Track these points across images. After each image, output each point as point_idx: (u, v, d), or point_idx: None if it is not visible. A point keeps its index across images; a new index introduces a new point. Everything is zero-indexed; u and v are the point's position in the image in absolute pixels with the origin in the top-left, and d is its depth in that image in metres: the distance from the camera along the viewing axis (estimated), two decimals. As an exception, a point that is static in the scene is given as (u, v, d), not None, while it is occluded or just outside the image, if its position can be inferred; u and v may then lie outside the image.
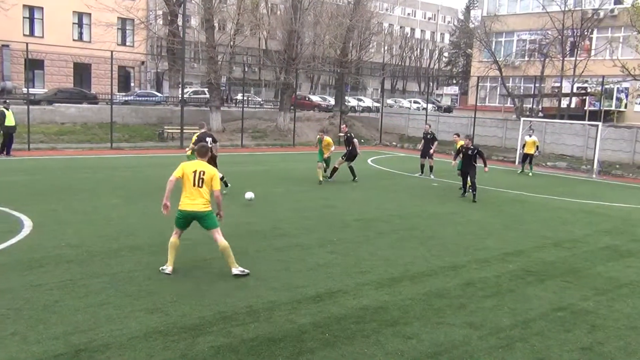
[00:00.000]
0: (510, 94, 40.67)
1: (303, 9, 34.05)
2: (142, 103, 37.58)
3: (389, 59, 75.86)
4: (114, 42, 41.29)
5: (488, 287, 8.20)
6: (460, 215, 13.66)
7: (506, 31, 44.44)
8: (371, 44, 54.95)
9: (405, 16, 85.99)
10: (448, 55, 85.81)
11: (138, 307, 6.75)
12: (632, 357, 6.10)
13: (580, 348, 6.25)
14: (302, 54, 35.79)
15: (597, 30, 40.13)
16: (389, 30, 77.87)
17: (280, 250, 9.62)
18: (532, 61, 39.82)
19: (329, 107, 46.94)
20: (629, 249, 11.03)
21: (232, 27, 35.98)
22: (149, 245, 9.45)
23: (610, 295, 8.13)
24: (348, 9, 40.91)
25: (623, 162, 28.32)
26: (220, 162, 15.44)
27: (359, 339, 6.19)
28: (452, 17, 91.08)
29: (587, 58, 36.07)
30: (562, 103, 37.29)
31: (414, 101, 59.05)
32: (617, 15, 37.53)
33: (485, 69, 39.83)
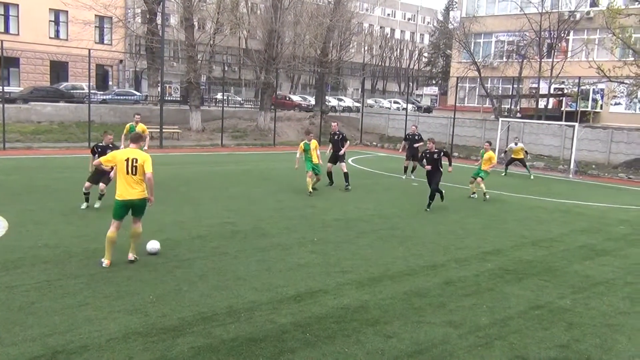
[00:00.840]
0: (488, 94, 41.14)
1: (283, 8, 34.01)
2: (121, 102, 37.14)
3: (369, 59, 76.11)
4: (92, 40, 40.83)
5: (467, 286, 8.28)
6: (440, 214, 13.77)
7: (485, 32, 44.90)
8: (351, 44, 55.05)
9: (385, 16, 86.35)
10: (428, 55, 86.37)
11: (117, 308, 6.68)
12: (608, 353, 6.21)
13: (557, 345, 6.34)
14: (283, 54, 35.75)
15: (574, 32, 40.77)
16: (369, 31, 78.09)
17: (261, 250, 9.60)
18: (510, 62, 40.31)
19: (309, 106, 46.93)
20: (604, 248, 11.22)
21: (211, 26, 35.76)
22: (128, 245, 9.33)
23: (586, 293, 8.27)
24: (328, 8, 40.97)
25: (599, 162, 28.80)
26: (200, 162, 15.36)
27: (339, 338, 6.20)
28: (432, 17, 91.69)
29: (563, 59, 36.64)
30: (539, 104, 37.82)
31: (394, 101, 59.32)
32: (593, 17, 38.17)
33: (464, 69, 40.22)
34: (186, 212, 12.44)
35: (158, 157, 23.35)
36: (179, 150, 27.22)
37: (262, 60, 35.57)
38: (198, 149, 28.05)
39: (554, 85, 38.26)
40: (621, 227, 13.53)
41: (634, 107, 36.97)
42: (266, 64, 34.76)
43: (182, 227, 10.93)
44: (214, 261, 8.76)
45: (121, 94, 40.31)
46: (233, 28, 38.67)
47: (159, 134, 28.41)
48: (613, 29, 26.52)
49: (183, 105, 37.90)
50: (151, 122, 31.47)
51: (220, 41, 39.22)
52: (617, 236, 12.42)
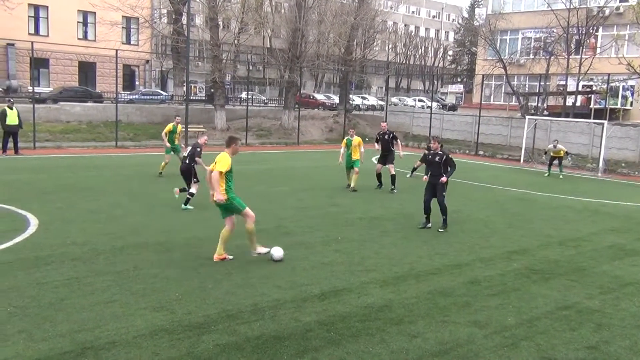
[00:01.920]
0: (515, 92, 40.55)
1: (307, 7, 34.05)
2: (147, 102, 37.65)
3: (393, 57, 75.72)
4: (119, 40, 41.44)
5: (493, 285, 8.19)
6: (464, 213, 13.64)
7: (511, 29, 44.31)
8: (375, 42, 54.79)
9: (409, 14, 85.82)
10: (452, 53, 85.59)
11: (143, 305, 6.77)
12: (638, 356, 6.08)
13: (585, 347, 6.24)
14: (307, 53, 35.78)
15: (603, 28, 39.97)
16: (394, 28, 77.70)
17: (284, 248, 9.60)
18: (537, 59, 39.75)
19: (333, 105, 46.90)
20: (634, 248, 10.98)
21: (236, 25, 35.93)
22: (154, 244, 9.48)
23: (615, 294, 8.11)
24: (352, 7, 40.86)
25: (628, 160, 28.20)
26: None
27: (363, 337, 6.19)
28: (457, 15, 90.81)
29: (592, 56, 35.93)
30: (567, 101, 37.16)
31: (418, 99, 58.96)
32: (623, 12, 37.38)
33: (490, 67, 39.73)
34: (210, 210, 12.50)
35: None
36: (204, 149, 27.40)
37: (286, 59, 35.65)
38: (222, 148, 28.17)
39: (582, 82, 37.57)
40: (652, 226, 13.23)
41: (665, 104, 36.12)
42: (290, 63, 34.83)
43: (206, 225, 11.02)
44: (238, 259, 8.82)
45: (147, 94, 40.86)
46: (257, 27, 38.83)
47: (185, 133, 28.66)
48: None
49: (208, 105, 38.20)
50: (177, 121, 31.86)
51: (245, 40, 39.43)
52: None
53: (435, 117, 36.76)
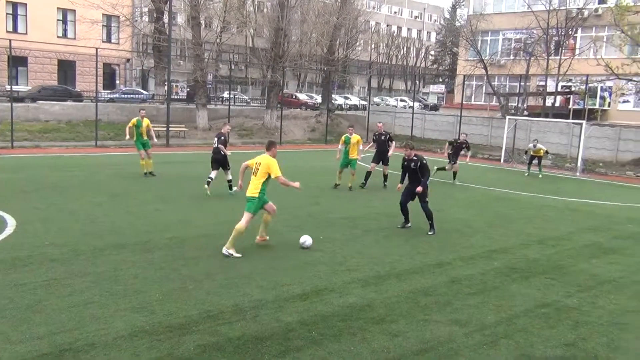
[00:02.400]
0: (495, 92, 40.95)
1: (290, 6, 34.01)
2: (128, 101, 37.29)
3: (375, 57, 75.99)
4: (99, 39, 40.96)
5: (473, 284, 8.26)
6: (446, 213, 13.73)
7: (492, 30, 44.71)
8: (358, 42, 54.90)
9: (391, 14, 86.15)
10: (434, 53, 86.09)
11: (123, 306, 6.71)
12: (615, 352, 6.18)
13: (564, 344, 6.32)
14: (289, 52, 35.74)
15: (582, 30, 40.52)
16: (376, 29, 77.95)
17: (266, 248, 9.62)
18: (517, 60, 40.15)
19: (316, 105, 46.90)
20: (611, 246, 11.16)
21: (218, 24, 35.77)
22: (135, 244, 9.40)
23: (593, 291, 8.23)
24: (335, 6, 40.89)
25: (606, 160, 28.64)
26: (206, 161, 15.41)
27: (345, 336, 6.21)
28: (439, 15, 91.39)
29: (571, 57, 36.42)
30: (546, 102, 37.62)
31: (400, 99, 59.23)
32: (601, 14, 37.92)
33: (471, 67, 40.08)
34: (192, 210, 12.48)
35: (164, 156, 23.42)
36: (186, 148, 27.29)
37: (269, 59, 35.58)
38: (204, 148, 28.05)
39: (562, 83, 38.06)
40: (629, 225, 13.46)
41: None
42: (273, 63, 34.77)
43: (187, 225, 10.96)
44: (220, 259, 8.79)
45: (128, 93, 40.48)
46: (240, 26, 38.73)
47: (166, 133, 28.48)
48: (622, 26, 26.33)
49: (190, 104, 37.98)
50: (158, 120, 31.58)
51: (227, 40, 39.33)
52: (625, 235, 12.36)
53: (417, 117, 36.97)
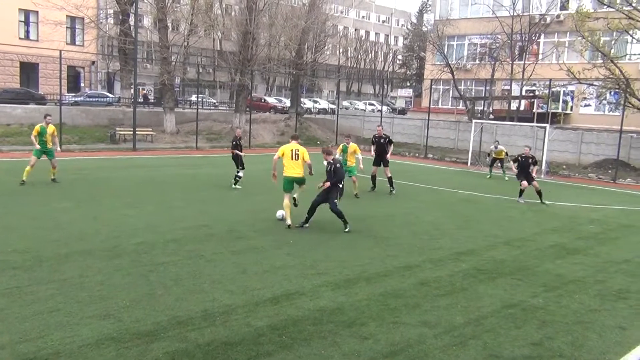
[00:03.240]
0: (462, 96, 41.60)
1: (258, 10, 33.93)
2: (93, 104, 36.63)
3: (344, 61, 76.39)
4: (63, 41, 40.13)
5: (442, 286, 8.35)
6: (415, 215, 13.87)
7: (458, 35, 45.42)
8: (326, 46, 55.19)
9: (359, 19, 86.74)
10: (402, 58, 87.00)
11: (89, 314, 6.57)
12: (580, 350, 6.32)
13: (530, 343, 6.44)
14: (258, 56, 35.64)
15: (544, 35, 41.51)
16: (344, 33, 78.36)
17: (236, 253, 9.55)
18: (482, 64, 40.85)
19: (285, 109, 46.86)
20: (575, 247, 11.43)
21: (185, 27, 35.46)
22: (101, 250, 9.22)
23: (558, 291, 8.41)
24: (303, 10, 40.98)
25: (569, 162, 29.34)
26: (174, 165, 15.24)
27: (316, 340, 6.20)
28: (406, 20, 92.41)
29: (535, 62, 37.25)
30: (511, 105, 38.36)
31: (369, 103, 59.61)
32: (563, 20, 38.90)
33: (438, 71, 40.62)
34: (160, 215, 12.31)
35: (131, 160, 23.10)
36: (153, 152, 26.94)
37: (237, 62, 35.42)
38: (172, 152, 27.80)
39: (526, 87, 38.90)
40: (591, 226, 13.81)
41: (603, 109, 37.72)
42: (241, 66, 34.62)
43: (156, 230, 10.81)
44: (189, 265, 8.68)
45: (93, 96, 39.78)
46: (207, 29, 38.38)
47: (132, 136, 28.07)
48: (582, 32, 27.03)
49: (157, 107, 37.51)
50: (124, 124, 31.16)
51: (195, 43, 38.94)
52: (588, 235, 12.67)
53: (386, 121, 37.25)
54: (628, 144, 28.27)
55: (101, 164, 21.13)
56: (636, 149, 28.31)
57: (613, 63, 26.20)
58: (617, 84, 26.56)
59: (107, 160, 22.63)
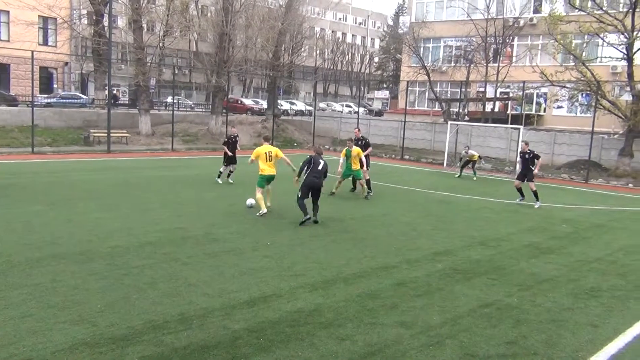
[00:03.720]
0: (438, 98, 41.99)
1: (234, 11, 33.78)
2: (66, 105, 36.06)
3: (321, 63, 76.52)
4: (35, 41, 39.50)
5: (419, 286, 8.41)
6: (392, 216, 13.94)
7: (433, 37, 45.83)
8: (303, 48, 55.22)
9: (336, 21, 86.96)
10: (378, 60, 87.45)
11: (63, 319, 6.46)
12: (554, 348, 6.42)
13: (505, 342, 6.51)
14: (234, 57, 35.48)
15: (518, 38, 42.14)
16: (321, 35, 78.53)
17: (213, 255, 9.48)
18: (458, 67, 41.29)
19: (261, 110, 46.71)
20: (549, 246, 11.61)
21: (161, 28, 35.12)
22: (74, 254, 9.07)
23: (532, 290, 8.53)
24: (280, 12, 40.93)
25: (542, 163, 29.69)
26: (150, 167, 15.09)
27: (293, 342, 6.19)
28: (382, 22, 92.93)
29: (508, 64, 37.78)
30: (486, 107, 38.83)
31: (346, 105, 59.79)
32: (536, 24, 39.52)
33: (414, 73, 40.96)
34: (135, 218, 12.17)
35: (106, 162, 22.80)
36: (128, 154, 26.62)
37: (213, 64, 35.21)
38: (148, 154, 27.51)
39: (500, 89, 39.42)
40: (564, 225, 14.04)
41: (575, 111, 38.44)
42: (217, 67, 34.42)
43: (130, 233, 10.68)
44: (164, 268, 8.60)
45: (67, 98, 39.17)
46: (183, 30, 38.07)
47: (107, 138, 27.71)
48: (555, 35, 27.51)
49: (132, 109, 37.09)
50: (99, 126, 30.72)
51: (170, 44, 38.59)
52: (561, 235, 12.88)
53: (362, 123, 37.40)
54: (599, 145, 28.82)
55: (75, 167, 20.81)
56: (607, 149, 28.87)
57: (584, 66, 26.70)
58: (588, 86, 27.06)
59: (81, 163, 22.29)
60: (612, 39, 27.54)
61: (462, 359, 6.05)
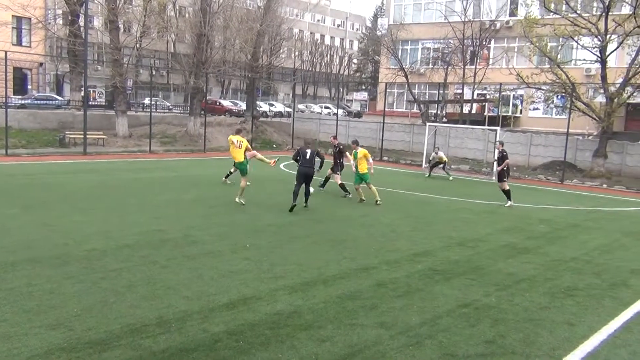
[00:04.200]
0: (416, 100, 42.29)
1: (212, 12, 33.62)
2: (41, 107, 35.52)
3: (299, 64, 76.46)
4: (9, 41, 38.83)
5: (398, 287, 8.45)
6: (371, 217, 13.99)
7: (411, 39, 46.15)
8: (282, 49, 55.02)
9: (315, 22, 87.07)
10: (357, 61, 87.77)
11: (38, 324, 6.34)
12: (531, 347, 6.50)
13: (484, 342, 6.58)
14: (212, 58, 35.31)
15: (495, 41, 42.63)
16: (299, 36, 78.52)
17: (192, 258, 9.41)
18: (435, 68, 41.63)
19: (240, 112, 46.54)
20: (526, 246, 11.76)
21: (138, 29, 34.80)
22: (50, 257, 8.92)
23: (510, 290, 8.62)
24: (258, 13, 40.81)
25: (519, 164, 30.17)
26: (127, 169, 14.94)
27: (273, 344, 6.17)
28: (360, 24, 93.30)
29: (485, 66, 38.21)
30: (464, 109, 39.22)
31: (324, 106, 59.86)
32: (512, 26, 40.04)
33: (392, 75, 41.16)
34: (112, 220, 12.02)
35: (82, 164, 22.48)
36: (105, 156, 26.29)
37: (191, 65, 34.98)
38: (125, 155, 27.20)
39: (477, 91, 39.83)
40: (541, 225, 14.24)
41: (550, 112, 39.03)
42: (195, 69, 34.20)
43: (108, 236, 10.54)
44: (142, 271, 8.50)
45: (41, 99, 38.59)
46: (160, 31, 37.84)
47: (83, 140, 27.34)
48: (530, 38, 27.91)
49: (108, 110, 36.66)
50: (74, 127, 30.32)
51: (148, 44, 38.35)
52: (538, 235, 13.06)
53: (341, 124, 37.49)
54: (574, 146, 29.31)
55: (50, 169, 20.49)
56: (582, 150, 29.38)
57: (559, 68, 27.14)
58: (563, 88, 27.52)
59: (57, 165, 21.95)
60: (586, 41, 28.05)
61: (441, 359, 6.08)
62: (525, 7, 29.30)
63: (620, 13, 28.94)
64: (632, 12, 25.46)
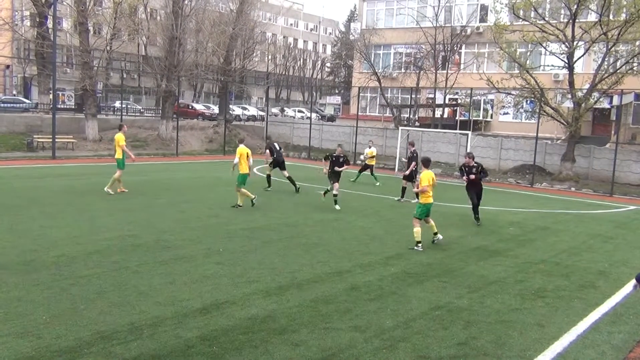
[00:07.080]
0: (389, 104, 42.59)
1: (184, 15, 33.38)
2: (8, 110, 34.74)
3: (273, 68, 76.36)
4: (-26, 43, 37.85)
5: (372, 290, 8.48)
6: (344, 221, 14.02)
7: (384, 44, 46.46)
8: (255, 53, 54.92)
9: (288, 26, 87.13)
10: (330, 65, 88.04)
11: (6, 332, 6.19)
12: (502, 348, 6.59)
13: (456, 343, 6.64)
14: (184, 61, 35.04)
15: (465, 46, 43.25)
16: (273, 40, 78.45)
17: (164, 263, 9.30)
18: (408, 73, 41.99)
19: (213, 115, 46.24)
20: (496, 249, 11.92)
21: (108, 31, 34.33)
22: (18, 264, 8.72)
23: (481, 292, 8.73)
24: (231, 17, 40.66)
25: (490, 168, 30.55)
26: (97, 173, 14.70)
27: (247, 349, 6.13)
28: (334, 28, 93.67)
29: (457, 71, 38.72)
30: (436, 113, 39.65)
31: (298, 110, 59.88)
32: (482, 32, 40.67)
33: (365, 79, 41.41)
34: (82, 226, 11.81)
35: (50, 169, 22.05)
36: (74, 161, 25.83)
37: (163, 68, 34.64)
38: (95, 160, 26.77)
39: (449, 95, 40.32)
40: (511, 228, 14.46)
41: (520, 117, 39.66)
42: (167, 72, 33.88)
43: (77, 242, 10.36)
44: (113, 277, 8.37)
45: (8, 102, 37.77)
46: (131, 34, 37.38)
47: (52, 144, 26.81)
48: (500, 44, 28.36)
49: (78, 114, 36.05)
50: (43, 131, 29.72)
51: (118, 47, 37.79)
52: (508, 237, 13.26)
53: (315, 128, 37.54)
54: (543, 150, 29.85)
55: (18, 173, 20.04)
56: (551, 154, 29.94)
57: (528, 73, 27.62)
58: (532, 93, 28.01)
59: (24, 169, 21.48)
60: (554, 48, 28.64)
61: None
62: (494, 13, 29.69)
63: (586, 20, 29.63)
64: (597, 20, 26.06)
